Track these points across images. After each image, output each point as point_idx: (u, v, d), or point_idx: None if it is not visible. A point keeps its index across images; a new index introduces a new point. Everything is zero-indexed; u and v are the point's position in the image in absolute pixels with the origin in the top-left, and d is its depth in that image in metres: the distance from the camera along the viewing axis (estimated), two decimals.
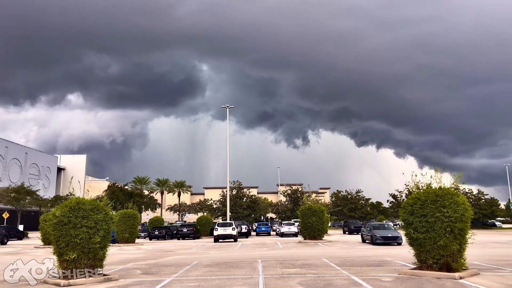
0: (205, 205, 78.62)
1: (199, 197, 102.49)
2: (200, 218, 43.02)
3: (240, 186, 64.10)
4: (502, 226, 74.68)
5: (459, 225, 10.42)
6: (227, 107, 45.35)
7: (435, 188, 11.28)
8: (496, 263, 13.50)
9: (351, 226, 45.49)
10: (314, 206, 29.25)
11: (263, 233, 43.79)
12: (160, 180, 78.66)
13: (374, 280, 10.01)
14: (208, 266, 13.67)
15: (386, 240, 24.39)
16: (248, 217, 61.44)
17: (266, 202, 79.77)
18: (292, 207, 65.83)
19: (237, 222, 39.37)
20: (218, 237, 30.86)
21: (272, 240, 33.12)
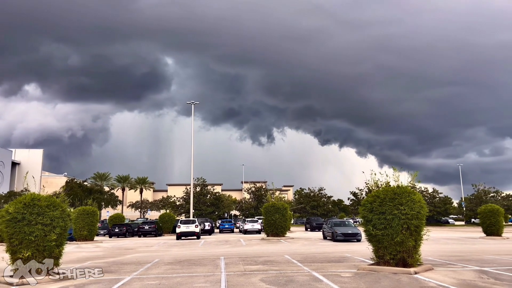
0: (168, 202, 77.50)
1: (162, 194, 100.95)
2: (163, 215, 42.36)
3: (204, 183, 63.69)
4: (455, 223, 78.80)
5: (415, 222, 10.86)
6: (192, 104, 44.83)
7: (393, 186, 11.68)
8: (449, 259, 14.20)
9: (313, 223, 46.31)
10: (277, 203, 29.50)
11: (226, 230, 43.77)
12: (122, 176, 76.71)
13: (334, 276, 10.25)
14: (170, 264, 13.50)
15: (346, 237, 25.03)
16: (211, 214, 61.19)
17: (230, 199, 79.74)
18: (256, 204, 66.16)
19: (200, 219, 39.13)
20: (181, 234, 30.53)
21: (236, 237, 33.16)
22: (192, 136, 44.45)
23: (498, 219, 29.30)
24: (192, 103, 44.87)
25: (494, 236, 28.66)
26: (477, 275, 10.17)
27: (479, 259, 13.97)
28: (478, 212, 32.16)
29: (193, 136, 44.43)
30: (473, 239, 27.77)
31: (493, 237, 28.54)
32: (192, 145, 44.01)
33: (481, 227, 30.97)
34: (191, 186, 46.42)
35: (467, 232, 39.94)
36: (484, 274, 10.41)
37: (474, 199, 70.38)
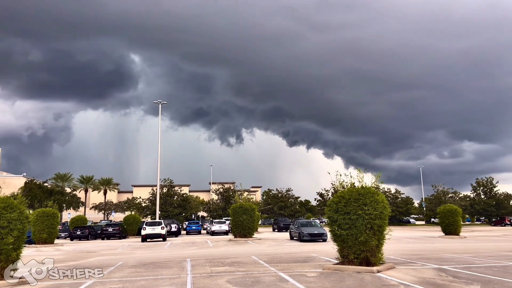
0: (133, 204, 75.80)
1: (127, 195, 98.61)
2: (128, 217, 41.40)
3: (171, 184, 62.74)
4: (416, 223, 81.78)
5: (378, 222, 11.18)
6: (160, 103, 44.11)
7: (358, 187, 11.96)
8: (410, 257, 14.70)
9: (281, 224, 46.68)
10: (245, 204, 29.51)
11: (193, 232, 43.35)
12: (85, 177, 74.29)
13: (300, 276, 10.37)
14: (134, 267, 13.20)
15: (313, 237, 25.40)
16: (178, 216, 60.37)
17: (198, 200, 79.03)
18: (224, 205, 65.87)
19: (166, 221, 38.56)
20: (146, 236, 29.94)
21: (203, 238, 32.90)
22: (159, 136, 43.73)
23: (456, 219, 30.64)
24: (159, 102, 44.14)
25: (452, 235, 29.93)
26: (436, 273, 10.59)
27: (438, 258, 14.55)
28: (437, 212, 33.51)
29: (160, 136, 43.73)
30: (432, 238, 28.89)
31: (452, 236, 29.81)
32: (159, 145, 43.30)
33: (440, 227, 32.29)
34: (157, 187, 45.64)
35: (427, 232, 41.52)
36: (443, 272, 10.85)
37: (434, 199, 73.21)
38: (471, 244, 22.60)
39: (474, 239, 27.89)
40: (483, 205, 72.24)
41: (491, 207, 71.63)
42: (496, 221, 66.12)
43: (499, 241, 25.38)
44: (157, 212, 42.69)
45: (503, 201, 74.60)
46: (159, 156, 42.95)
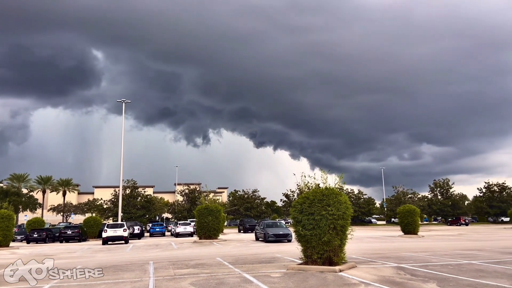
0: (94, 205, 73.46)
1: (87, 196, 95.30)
2: (88, 219, 40.05)
3: (134, 185, 61.41)
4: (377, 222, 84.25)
5: (341, 222, 11.40)
6: (123, 102, 43.03)
7: (322, 188, 12.15)
8: (371, 256, 15.09)
9: (246, 225, 46.80)
10: (211, 205, 29.36)
11: (157, 234, 42.57)
12: (43, 177, 71.28)
13: (264, 277, 10.40)
14: (93, 271, 12.73)
15: (278, 238, 25.58)
16: (142, 218, 59.17)
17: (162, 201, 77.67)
18: (189, 206, 65.18)
19: (129, 223, 37.67)
20: (107, 239, 29.09)
21: (167, 240, 32.36)
22: (122, 135, 42.65)
23: (415, 219, 31.85)
24: (123, 101, 43.06)
25: (411, 235, 31.07)
26: (395, 272, 10.92)
27: (397, 256, 15.03)
28: (397, 212, 34.70)
29: (123, 136, 42.66)
30: (392, 238, 29.85)
31: (410, 235, 30.94)
32: (122, 145, 42.23)
33: (400, 226, 33.44)
34: (120, 188, 44.45)
35: (388, 231, 42.88)
36: (401, 270, 11.21)
37: (394, 200, 75.81)
38: (429, 243, 23.53)
39: (431, 238, 29.05)
40: (440, 205, 75.61)
41: (447, 207, 75.10)
42: (452, 220, 69.23)
43: (454, 240, 26.57)
44: (119, 214, 41.59)
45: (458, 202, 78.48)
46: (122, 156, 41.89)
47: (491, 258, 14.02)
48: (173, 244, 26.74)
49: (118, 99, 43.84)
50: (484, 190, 76.47)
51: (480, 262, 12.82)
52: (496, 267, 11.58)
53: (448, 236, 32.08)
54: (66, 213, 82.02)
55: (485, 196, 75.73)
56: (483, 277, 9.65)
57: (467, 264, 12.24)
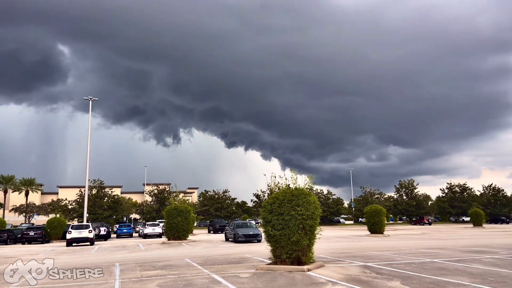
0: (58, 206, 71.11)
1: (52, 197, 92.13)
2: (52, 220, 38.67)
3: (101, 185, 59.84)
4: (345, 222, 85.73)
5: (309, 222, 11.53)
6: (90, 99, 41.81)
7: (292, 188, 12.25)
8: (338, 256, 15.35)
9: (216, 225, 46.55)
10: (180, 206, 29.05)
11: (124, 235, 41.67)
12: (4, 176, 68.30)
13: (233, 277, 10.36)
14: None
15: (248, 238, 25.59)
16: (109, 219, 57.75)
17: (130, 202, 76.16)
18: (158, 207, 64.14)
19: (95, 224, 36.62)
20: (72, 240, 28.19)
21: (134, 242, 31.70)
22: (89, 134, 41.43)
23: (381, 218, 32.67)
24: (89, 99, 41.83)
25: (377, 234, 31.85)
26: (361, 270, 11.15)
27: (363, 255, 15.36)
28: (364, 212, 35.49)
29: (90, 135, 41.45)
30: (359, 237, 30.51)
31: (377, 234, 31.71)
32: (89, 144, 41.02)
33: (366, 226, 34.22)
34: (85, 188, 43.14)
35: (355, 231, 43.80)
36: (367, 269, 11.46)
37: (362, 200, 77.59)
38: (394, 242, 24.20)
39: (397, 237, 29.90)
40: (405, 205, 77.97)
41: (412, 207, 77.50)
42: (416, 220, 71.50)
43: (418, 239, 27.45)
44: (84, 215, 40.37)
45: (422, 202, 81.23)
46: (88, 155, 40.70)
47: (452, 256, 14.57)
48: (140, 246, 26.23)
49: (85, 97, 42.55)
50: (446, 191, 79.58)
51: (442, 260, 13.29)
52: (456, 265, 12.04)
53: (412, 235, 33.10)
54: (28, 213, 78.75)
55: (447, 196, 78.82)
56: (445, 275, 10.01)
57: (430, 263, 12.66)
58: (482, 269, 11.02)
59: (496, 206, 76.22)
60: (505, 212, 75.66)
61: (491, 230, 41.01)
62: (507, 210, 76.91)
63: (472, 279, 9.28)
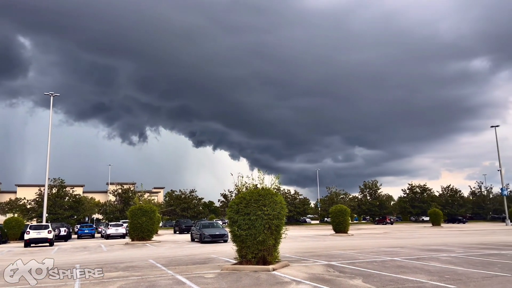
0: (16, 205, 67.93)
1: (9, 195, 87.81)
2: (9, 220, 36.94)
3: (62, 184, 57.80)
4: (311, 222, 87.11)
5: (276, 222, 11.61)
6: (51, 95, 40.26)
7: (258, 188, 12.29)
8: (303, 255, 15.55)
9: (182, 226, 46.04)
10: (145, 206, 28.57)
11: (86, 236, 40.43)
12: None
13: (198, 278, 10.27)
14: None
15: (214, 238, 25.46)
16: (69, 219, 55.88)
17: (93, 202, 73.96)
18: (122, 207, 62.66)
19: (55, 224, 35.36)
20: (30, 241, 27.06)
21: (96, 242, 30.80)
22: (49, 131, 39.87)
23: (345, 218, 33.38)
24: (51, 94, 40.28)
25: (342, 233, 32.54)
26: (325, 269, 11.35)
27: (328, 254, 15.64)
28: (329, 212, 36.16)
29: (50, 131, 39.90)
30: (324, 236, 31.05)
31: (341, 234, 32.38)
32: (49, 141, 39.50)
33: (332, 225, 34.88)
34: (45, 187, 41.50)
35: (321, 230, 44.55)
36: (331, 268, 11.67)
37: (327, 200, 79.02)
38: (357, 241, 24.80)
39: (360, 236, 30.67)
40: (369, 205, 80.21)
41: (375, 207, 79.85)
42: (378, 220, 73.61)
43: (380, 238, 28.27)
44: (44, 215, 38.85)
45: (385, 202, 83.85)
46: (48, 152, 39.17)
47: (411, 255, 15.10)
48: (102, 246, 25.51)
49: (46, 92, 40.93)
50: (407, 192, 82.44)
51: (402, 258, 13.75)
52: (415, 263, 12.49)
53: (374, 234, 34.05)
54: None
55: (408, 197, 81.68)
56: (404, 273, 10.36)
57: (390, 261, 13.07)
58: (439, 267, 11.49)
59: (454, 206, 79.72)
60: (462, 212, 79.27)
61: (448, 229, 42.86)
62: (464, 210, 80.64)
63: (429, 277, 9.65)
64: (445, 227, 48.90)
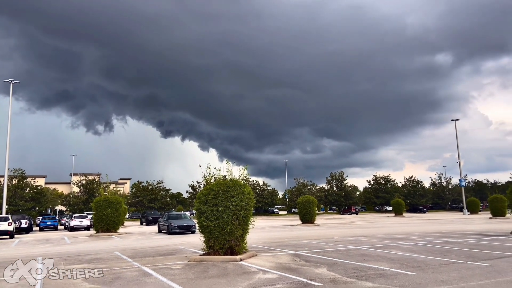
0: None
1: None
2: None
3: (22, 174, 55.61)
4: (279, 213, 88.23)
5: (243, 213, 11.69)
6: (11, 82, 38.41)
7: (227, 179, 12.31)
8: (270, 245, 15.76)
9: (149, 217, 45.51)
10: (110, 197, 28.00)
11: (48, 228, 39.22)
12: None
13: (165, 269, 10.22)
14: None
15: (181, 229, 25.34)
16: (31, 211, 53.93)
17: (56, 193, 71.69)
18: (86, 198, 61.06)
19: (15, 216, 34.05)
20: None
21: (59, 235, 29.92)
22: (9, 119, 38.10)
23: (312, 209, 34.06)
24: (10, 81, 38.43)
25: (309, 224, 33.20)
26: (292, 259, 11.57)
27: (294, 244, 15.94)
28: (297, 203, 36.76)
29: (10, 119, 38.13)
30: (292, 227, 31.56)
31: (308, 224, 33.03)
32: (9, 130, 37.78)
33: (299, 216, 35.50)
34: (5, 178, 39.77)
35: (288, 221, 45.21)
36: (297, 257, 11.91)
37: (295, 191, 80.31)
38: (323, 231, 25.38)
39: (326, 226, 31.39)
40: (335, 196, 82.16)
41: (341, 198, 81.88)
42: (344, 210, 75.73)
43: (345, 227, 29.05)
44: (3, 207, 37.27)
45: (351, 193, 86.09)
46: (8, 142, 37.49)
47: (374, 243, 15.63)
48: (66, 239, 24.83)
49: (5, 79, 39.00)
50: (372, 183, 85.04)
51: (365, 247, 14.22)
52: (378, 251, 12.96)
53: (340, 224, 34.96)
54: None
55: (373, 187, 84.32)
56: (367, 261, 10.73)
57: (354, 250, 13.49)
58: (400, 255, 11.97)
59: (415, 196, 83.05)
60: (423, 202, 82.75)
61: (410, 218, 44.63)
62: (425, 200, 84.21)
63: (391, 264, 10.05)
64: (407, 217, 50.87)
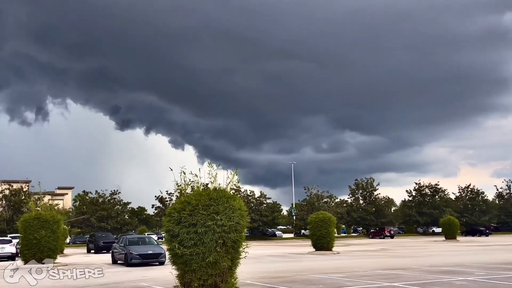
0: None
1: None
2: None
3: None
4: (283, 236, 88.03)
5: (233, 236, 11.61)
6: None
7: (209, 189, 12.24)
8: (271, 281, 15.80)
9: (100, 242, 45.48)
10: (45, 214, 28.03)
11: None
12: None
13: None
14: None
15: (145, 259, 25.33)
16: None
17: None
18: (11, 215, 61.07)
19: None
20: None
21: None
22: None
23: (330, 230, 34.16)
24: None
25: (325, 251, 33.32)
26: None
27: (304, 280, 15.99)
28: (308, 222, 36.87)
29: None
30: (301, 255, 31.67)
31: (323, 251, 33.15)
32: None
33: (310, 240, 35.60)
34: None
35: (296, 247, 45.34)
36: None
37: (306, 205, 79.46)
38: (344, 261, 25.48)
39: (348, 255, 31.50)
40: (362, 212, 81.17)
41: (370, 215, 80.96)
42: (374, 232, 75.32)
43: (375, 257, 29.19)
44: None
45: (383, 208, 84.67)
46: None
47: (416, 279, 15.68)
48: None
49: None
50: (414, 193, 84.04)
51: (404, 284, 14.26)
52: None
53: (368, 251, 35.08)
54: None
55: (415, 201, 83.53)
56: None
57: None
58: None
59: (474, 213, 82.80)
60: (485, 221, 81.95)
61: (466, 244, 44.85)
62: (488, 219, 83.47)
63: None
64: (462, 241, 51.13)
